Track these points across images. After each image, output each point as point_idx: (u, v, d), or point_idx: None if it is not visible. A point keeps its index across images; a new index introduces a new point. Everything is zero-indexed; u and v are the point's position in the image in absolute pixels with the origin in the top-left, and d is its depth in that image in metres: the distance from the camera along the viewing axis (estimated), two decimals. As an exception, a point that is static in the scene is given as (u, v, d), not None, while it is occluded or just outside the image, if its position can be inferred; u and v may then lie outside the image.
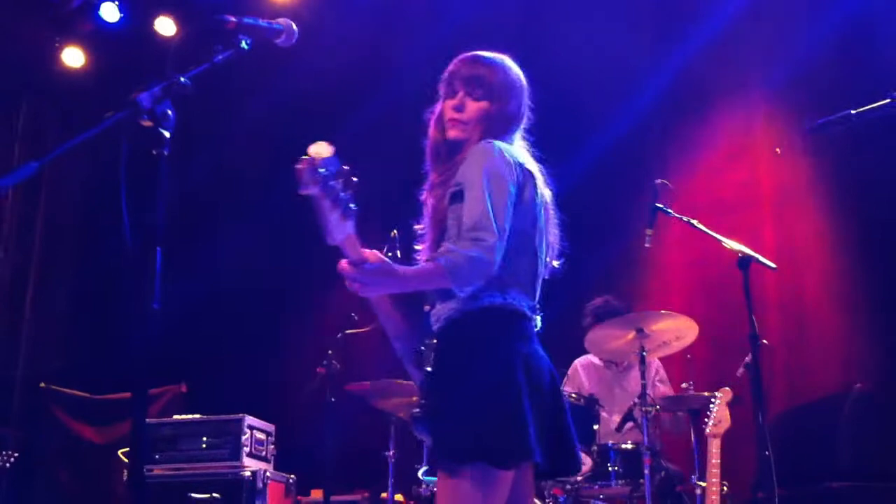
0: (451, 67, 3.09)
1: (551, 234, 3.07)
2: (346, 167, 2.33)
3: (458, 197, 2.85)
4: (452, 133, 3.02)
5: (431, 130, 3.10)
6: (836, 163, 6.17)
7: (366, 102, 7.45)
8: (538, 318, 3.00)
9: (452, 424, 2.72)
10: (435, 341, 2.84)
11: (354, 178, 2.36)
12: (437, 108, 3.10)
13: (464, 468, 2.69)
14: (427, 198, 3.04)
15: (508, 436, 2.69)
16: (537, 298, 2.99)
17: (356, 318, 5.51)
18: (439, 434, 2.76)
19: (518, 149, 3.04)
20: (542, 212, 3.00)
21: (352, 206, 2.39)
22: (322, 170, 2.27)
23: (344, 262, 2.57)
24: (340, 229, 2.41)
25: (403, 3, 7.65)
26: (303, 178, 2.27)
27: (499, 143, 2.92)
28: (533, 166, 3.02)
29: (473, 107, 3.01)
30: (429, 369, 2.80)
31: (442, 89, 3.09)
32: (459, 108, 3.01)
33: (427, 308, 2.91)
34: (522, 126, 3.14)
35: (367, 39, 7.74)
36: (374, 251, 2.63)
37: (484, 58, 3.08)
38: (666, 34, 7.00)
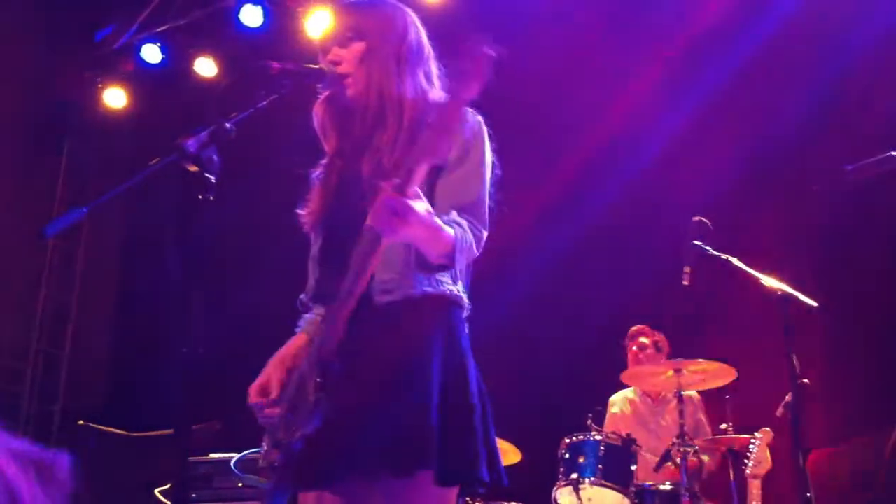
0: (320, 38, 2.76)
1: None
2: None
3: (452, 166, 2.54)
4: (351, 92, 2.63)
5: (320, 110, 2.71)
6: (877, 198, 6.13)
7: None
8: None
9: (403, 425, 2.34)
10: (383, 317, 2.46)
11: None
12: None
13: (401, 480, 2.34)
14: (367, 162, 2.59)
15: (466, 447, 2.38)
16: None
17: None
18: (380, 433, 2.34)
19: None
20: None
21: None
22: None
23: (391, 188, 2.18)
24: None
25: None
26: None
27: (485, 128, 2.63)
28: None
29: (349, 54, 2.64)
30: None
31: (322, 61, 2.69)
32: (336, 62, 2.63)
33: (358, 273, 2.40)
34: (432, 62, 2.76)
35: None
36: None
37: (344, 5, 2.74)
38: (699, 61, 6.98)
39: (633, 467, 5.24)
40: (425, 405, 2.36)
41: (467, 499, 5.43)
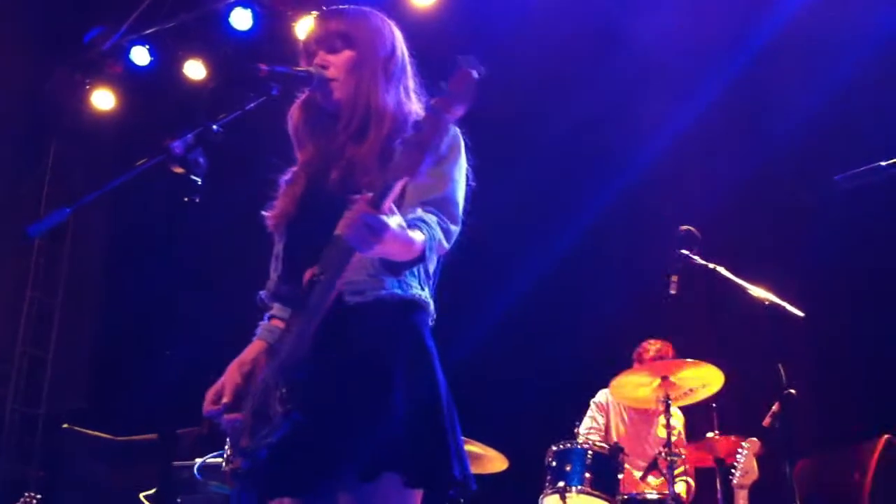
0: (303, 39, 2.75)
1: None
2: None
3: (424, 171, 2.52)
4: (338, 95, 2.64)
5: (296, 114, 2.72)
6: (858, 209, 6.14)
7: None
8: None
9: (369, 428, 2.35)
10: (352, 317, 2.43)
11: None
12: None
13: (369, 485, 2.34)
14: (350, 150, 2.59)
15: (433, 449, 2.40)
16: None
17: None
18: (347, 437, 2.36)
19: None
20: None
21: None
22: None
23: (365, 203, 2.15)
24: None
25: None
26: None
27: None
28: None
29: (337, 59, 2.65)
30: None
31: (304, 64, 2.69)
32: (325, 66, 2.64)
33: (320, 274, 2.38)
34: (412, 78, 2.78)
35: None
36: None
37: (333, 11, 2.74)
38: (691, 72, 6.98)
39: (620, 476, 5.22)
40: (391, 407, 2.37)
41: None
